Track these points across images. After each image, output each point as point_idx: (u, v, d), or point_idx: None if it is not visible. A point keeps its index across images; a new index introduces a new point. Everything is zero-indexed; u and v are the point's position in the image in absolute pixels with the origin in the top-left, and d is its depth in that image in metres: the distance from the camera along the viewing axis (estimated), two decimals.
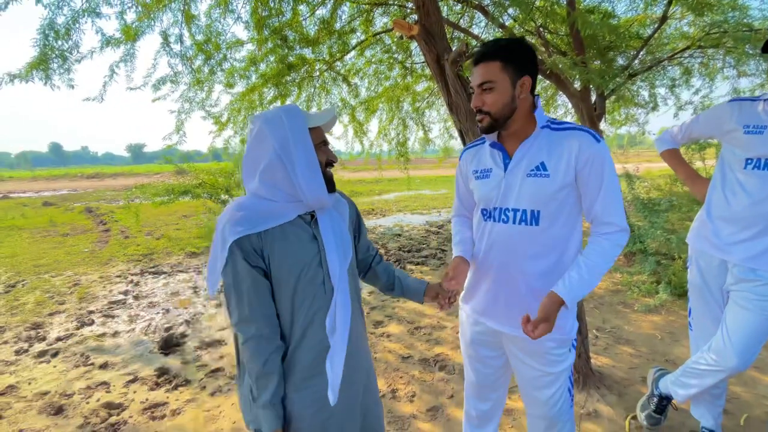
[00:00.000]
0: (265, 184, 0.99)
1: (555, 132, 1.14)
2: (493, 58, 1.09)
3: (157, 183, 7.77)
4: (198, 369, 2.72)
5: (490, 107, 1.11)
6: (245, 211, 0.97)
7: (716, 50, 4.65)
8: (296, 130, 0.98)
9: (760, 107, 1.48)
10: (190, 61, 4.10)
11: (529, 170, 1.13)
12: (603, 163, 1.08)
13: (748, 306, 1.44)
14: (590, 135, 1.10)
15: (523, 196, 1.13)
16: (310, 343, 1.01)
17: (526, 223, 1.14)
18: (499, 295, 1.24)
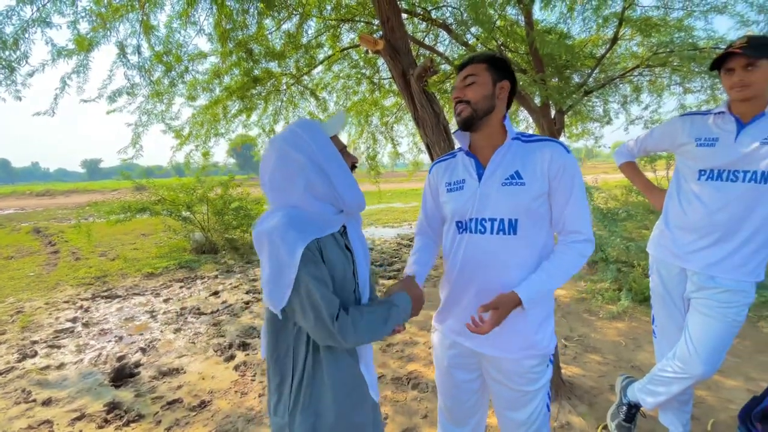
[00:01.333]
0: (314, 198, 0.99)
1: (526, 143, 1.17)
2: (479, 61, 1.18)
3: (113, 200, 7.33)
4: (153, 401, 2.50)
5: (470, 97, 1.15)
6: (300, 218, 0.95)
7: (663, 69, 4.99)
8: (321, 143, 1.00)
9: (710, 120, 1.56)
10: (149, 72, 3.93)
11: (504, 179, 1.14)
12: (573, 174, 1.12)
13: (710, 313, 1.49)
14: (561, 146, 1.14)
15: (499, 205, 1.13)
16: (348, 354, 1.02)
17: (504, 232, 1.14)
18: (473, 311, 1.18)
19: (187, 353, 3.18)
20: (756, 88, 1.40)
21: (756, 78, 1.39)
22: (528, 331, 1.17)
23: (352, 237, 1.07)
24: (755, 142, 1.42)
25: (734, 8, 3.81)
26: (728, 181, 1.47)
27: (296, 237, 0.90)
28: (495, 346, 1.18)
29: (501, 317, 1.06)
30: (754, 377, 2.35)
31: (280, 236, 0.90)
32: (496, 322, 1.05)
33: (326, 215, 0.99)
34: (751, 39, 1.40)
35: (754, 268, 1.46)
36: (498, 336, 1.15)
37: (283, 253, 0.89)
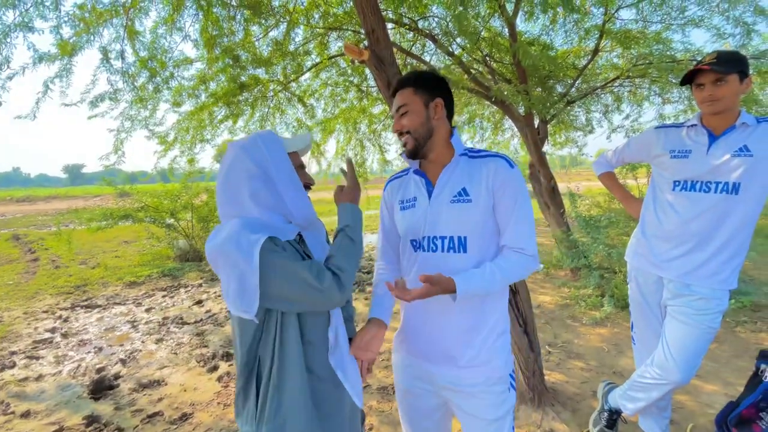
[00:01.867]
0: (259, 206, 0.99)
1: (473, 159, 1.17)
2: (405, 86, 1.17)
3: (94, 207, 7.16)
4: (133, 414, 2.44)
5: (408, 127, 1.15)
6: (254, 223, 0.95)
7: (643, 80, 5.15)
8: (276, 156, 1.02)
9: (684, 133, 1.61)
10: (132, 78, 3.88)
11: (452, 196, 1.13)
12: (515, 188, 1.10)
13: (686, 320, 1.52)
14: (505, 161, 1.13)
15: (448, 223, 1.12)
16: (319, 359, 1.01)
17: (454, 250, 1.12)
18: (435, 334, 1.16)
19: (169, 364, 3.11)
20: (725, 102, 1.46)
21: (725, 92, 1.45)
22: (485, 352, 1.13)
23: (311, 245, 1.09)
24: (726, 154, 1.47)
25: (711, 21, 3.96)
26: (701, 192, 1.52)
27: (250, 240, 0.89)
28: (451, 365, 1.15)
29: (430, 293, 1.02)
30: (731, 382, 2.40)
31: (235, 244, 0.89)
32: (423, 294, 1.01)
33: (277, 223, 1.00)
34: (720, 54, 1.46)
35: (727, 277, 1.50)
36: (453, 357, 1.13)
37: (241, 261, 0.88)
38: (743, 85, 1.45)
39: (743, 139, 1.46)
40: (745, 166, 1.43)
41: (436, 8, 4.49)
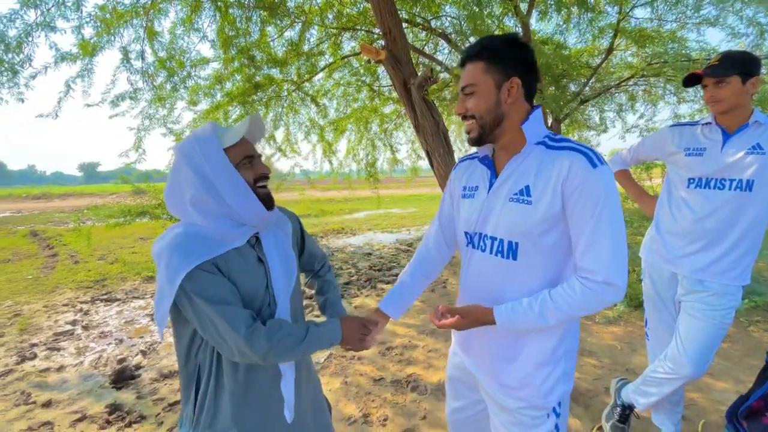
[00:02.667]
0: (201, 214, 0.93)
1: (549, 150, 0.95)
2: (476, 59, 0.96)
3: (112, 204, 7.34)
4: (155, 403, 2.53)
5: (474, 111, 0.98)
6: (192, 239, 0.89)
7: (658, 78, 5.10)
8: (210, 155, 0.91)
9: (698, 131, 1.63)
10: (152, 77, 3.99)
11: (512, 194, 0.96)
12: (596, 194, 0.87)
13: (699, 315, 1.55)
14: (585, 156, 0.89)
15: (501, 224, 0.98)
16: (262, 372, 0.99)
17: (502, 255, 0.98)
18: (473, 335, 1.09)
19: None
20: (728, 102, 1.49)
21: (726, 94, 1.47)
22: (522, 373, 1.01)
23: (267, 248, 1.01)
24: (740, 151, 1.49)
25: (725, 21, 3.93)
26: (716, 189, 1.54)
27: (177, 264, 0.84)
28: (487, 371, 1.07)
29: (459, 326, 0.97)
30: (743, 380, 2.40)
31: (165, 261, 0.86)
32: (454, 325, 0.96)
33: (223, 231, 0.93)
34: (724, 56, 1.48)
35: (740, 273, 1.52)
36: (487, 364, 1.06)
37: (164, 280, 0.85)
38: (747, 86, 1.46)
39: (756, 137, 1.48)
40: (759, 163, 1.45)
41: (450, 7, 4.52)
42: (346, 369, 2.83)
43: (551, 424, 1.03)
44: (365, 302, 4.37)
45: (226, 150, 0.94)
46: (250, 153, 0.98)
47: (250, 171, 0.97)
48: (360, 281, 5.21)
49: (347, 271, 5.83)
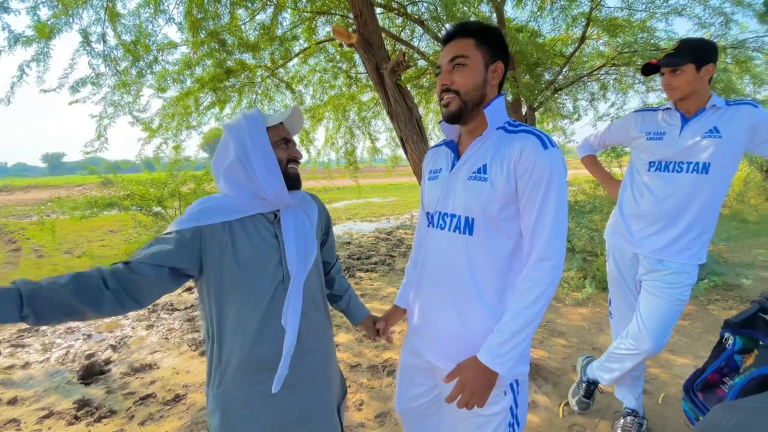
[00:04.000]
0: (230, 184, 1.05)
1: (508, 134, 1.00)
2: (466, 36, 0.99)
3: (77, 196, 7.03)
4: (125, 397, 2.47)
5: (460, 86, 0.98)
6: (209, 203, 1.03)
7: (628, 68, 5.22)
8: (253, 131, 1.03)
9: (659, 116, 1.69)
10: (115, 62, 3.79)
11: (470, 173, 1.01)
12: (546, 175, 0.91)
13: (658, 293, 1.62)
14: (538, 139, 0.94)
15: (459, 201, 1.01)
16: (268, 340, 1.02)
17: (460, 230, 1.01)
18: (428, 313, 1.11)
19: (161, 349, 3.13)
20: (682, 90, 1.55)
21: (681, 81, 1.53)
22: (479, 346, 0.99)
23: (285, 226, 1.07)
24: (697, 135, 1.55)
25: (692, 11, 4.04)
26: (674, 172, 1.60)
27: (189, 217, 0.99)
28: (440, 355, 1.07)
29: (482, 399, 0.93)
30: (702, 355, 2.54)
31: (185, 214, 1.01)
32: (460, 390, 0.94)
33: (242, 201, 1.04)
34: (680, 44, 1.53)
35: (696, 252, 1.59)
36: (443, 345, 1.07)
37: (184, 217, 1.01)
38: (702, 73, 1.52)
39: (713, 121, 1.54)
40: (715, 146, 1.51)
41: None
42: None
43: (508, 401, 1.03)
44: None
45: (267, 129, 1.06)
46: (287, 137, 1.11)
47: (285, 152, 1.09)
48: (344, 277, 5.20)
49: None
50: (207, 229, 0.99)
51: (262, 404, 1.03)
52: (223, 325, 1.02)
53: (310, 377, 1.10)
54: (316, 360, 1.12)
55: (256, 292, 1.01)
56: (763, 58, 4.41)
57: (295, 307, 1.04)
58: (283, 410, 1.05)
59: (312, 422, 1.10)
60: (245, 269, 1.00)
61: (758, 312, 1.53)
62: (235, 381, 1.02)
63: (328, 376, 1.18)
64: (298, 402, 1.07)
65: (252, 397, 1.02)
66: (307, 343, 1.09)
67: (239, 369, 1.01)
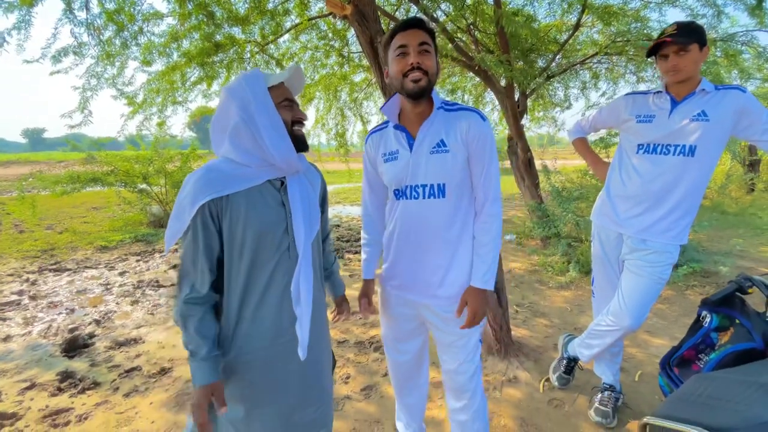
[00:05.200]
0: (236, 148, 1.00)
1: (448, 112, 1.25)
2: (425, 30, 1.17)
3: (59, 172, 6.83)
4: (109, 370, 2.46)
5: (429, 67, 1.15)
6: (215, 173, 0.98)
7: (620, 57, 5.24)
8: (256, 92, 0.99)
9: (650, 100, 1.70)
10: (98, 31, 3.64)
11: (431, 148, 1.22)
12: (489, 141, 1.23)
13: (640, 272, 1.66)
14: (477, 114, 1.24)
15: (429, 172, 1.22)
16: (269, 307, 1.03)
17: (434, 196, 1.23)
18: (417, 268, 1.31)
19: (146, 324, 3.11)
20: (688, 70, 1.55)
21: (687, 62, 1.53)
22: (462, 281, 1.29)
23: (292, 193, 1.06)
24: (685, 118, 1.57)
25: (686, 2, 4.05)
26: (662, 154, 1.62)
27: (199, 192, 0.95)
28: (433, 296, 1.31)
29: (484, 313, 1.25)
30: (678, 337, 2.61)
31: (189, 186, 0.97)
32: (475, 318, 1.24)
33: (249, 169, 1.01)
34: (680, 26, 1.53)
35: (678, 233, 1.63)
36: (435, 287, 1.30)
37: (185, 204, 0.96)
38: (702, 54, 1.53)
39: (702, 105, 1.56)
40: (702, 129, 1.54)
41: None
42: None
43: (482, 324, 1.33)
44: None
45: (269, 90, 1.02)
46: (290, 97, 1.07)
47: (289, 112, 1.05)
48: None
49: None
50: (217, 201, 0.97)
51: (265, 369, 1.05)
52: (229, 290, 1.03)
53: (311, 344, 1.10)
54: (315, 331, 1.12)
55: (260, 261, 1.01)
56: (751, 53, 4.47)
57: (307, 275, 1.05)
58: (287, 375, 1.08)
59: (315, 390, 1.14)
60: (253, 238, 0.99)
61: (735, 292, 1.59)
62: (241, 348, 1.03)
63: (324, 343, 1.20)
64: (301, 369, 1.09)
65: (255, 362, 1.04)
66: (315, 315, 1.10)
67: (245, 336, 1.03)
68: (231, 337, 1.04)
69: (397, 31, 1.18)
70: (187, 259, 0.99)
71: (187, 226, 0.96)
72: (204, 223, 0.97)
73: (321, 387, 1.17)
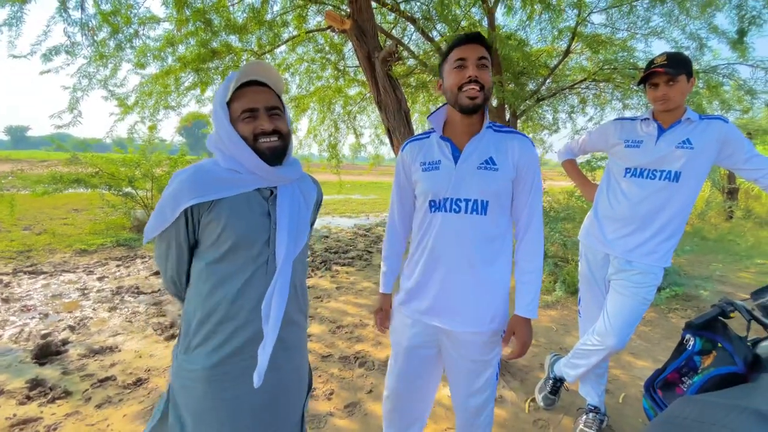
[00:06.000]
0: (222, 154, 0.97)
1: (498, 133, 1.24)
2: (481, 43, 1.16)
3: (41, 171, 6.66)
4: (82, 379, 2.35)
5: (486, 81, 1.15)
6: (204, 174, 0.94)
7: (607, 84, 5.43)
8: (215, 110, 0.96)
9: (638, 126, 1.76)
10: (93, 32, 3.61)
11: (479, 163, 1.20)
12: (537, 167, 1.24)
13: (625, 292, 1.68)
14: (529, 140, 1.25)
15: (473, 187, 1.19)
16: (237, 323, 0.97)
17: (476, 212, 1.20)
18: (449, 288, 1.24)
19: (123, 332, 3.00)
20: (676, 100, 1.61)
21: (676, 92, 1.59)
22: (494, 307, 1.25)
23: (280, 204, 1.01)
24: (671, 145, 1.62)
25: (671, 34, 4.25)
26: (648, 179, 1.67)
27: (186, 194, 0.91)
28: (463, 322, 1.24)
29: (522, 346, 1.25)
30: (660, 359, 2.66)
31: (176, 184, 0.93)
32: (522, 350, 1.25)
33: (238, 174, 0.97)
34: (669, 56, 1.59)
35: (663, 255, 1.67)
36: (465, 312, 1.24)
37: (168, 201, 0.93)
38: (689, 85, 1.60)
39: (687, 133, 1.61)
40: (687, 157, 1.59)
41: None
42: None
43: (500, 345, 1.31)
44: (318, 282, 4.32)
45: (230, 102, 0.97)
46: (251, 106, 0.96)
47: (249, 125, 0.96)
48: (315, 262, 5.15)
49: None
50: (202, 205, 0.93)
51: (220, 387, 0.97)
52: (198, 295, 0.99)
53: (278, 368, 1.03)
54: (288, 351, 1.06)
55: (233, 270, 0.96)
56: (732, 85, 4.67)
57: (282, 292, 0.97)
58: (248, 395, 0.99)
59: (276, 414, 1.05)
60: (228, 245, 0.94)
61: (718, 316, 1.62)
62: (199, 356, 0.98)
63: (300, 370, 1.12)
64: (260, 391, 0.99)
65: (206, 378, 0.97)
66: (282, 335, 1.00)
67: (205, 344, 0.98)
68: (188, 344, 1.00)
69: (456, 44, 1.17)
70: (160, 258, 1.01)
71: (168, 225, 0.94)
72: (181, 224, 0.95)
73: (284, 418, 1.07)
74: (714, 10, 3.43)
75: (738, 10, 3.14)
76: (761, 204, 9.30)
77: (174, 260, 1.00)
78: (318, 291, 4.03)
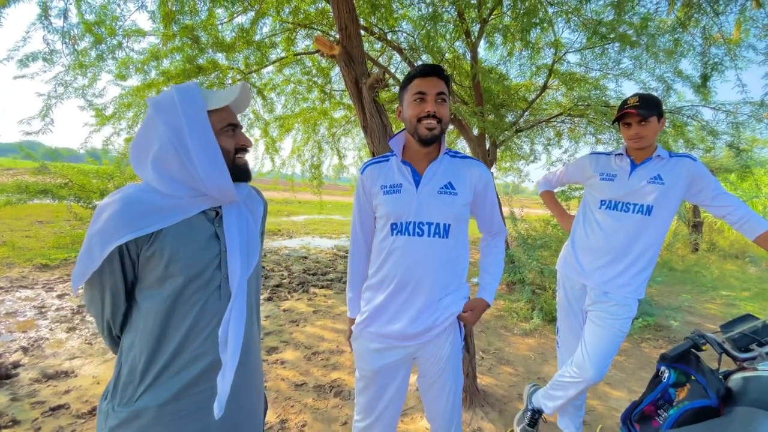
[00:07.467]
0: (161, 176, 0.86)
1: (455, 159, 1.33)
2: (441, 78, 1.21)
3: (6, 180, 6.33)
4: (32, 407, 2.16)
5: (443, 116, 1.21)
6: (137, 206, 0.83)
7: (581, 119, 5.70)
8: (192, 115, 0.86)
9: (612, 160, 1.84)
10: (74, 40, 3.54)
11: (439, 188, 1.25)
12: (493, 187, 1.37)
13: (602, 324, 1.70)
14: (483, 166, 1.36)
15: (435, 211, 1.24)
16: (192, 354, 0.88)
17: (439, 235, 1.24)
18: (408, 309, 1.26)
19: (81, 355, 2.81)
20: (648, 138, 1.69)
21: (648, 131, 1.68)
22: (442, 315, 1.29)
23: (227, 225, 0.94)
24: (643, 180, 1.69)
25: (639, 76, 4.54)
26: (622, 211, 1.73)
27: (116, 230, 0.81)
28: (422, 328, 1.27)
29: (476, 317, 1.35)
30: (635, 390, 2.69)
31: (105, 218, 0.82)
32: (475, 320, 1.35)
33: (176, 199, 0.88)
34: (641, 98, 1.68)
35: (637, 287, 1.71)
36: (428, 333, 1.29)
37: (96, 240, 0.82)
38: (660, 124, 1.69)
39: (658, 169, 1.69)
40: (658, 192, 1.66)
41: (406, 24, 4.66)
42: (267, 373, 2.67)
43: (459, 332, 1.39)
44: (295, 305, 4.21)
45: (210, 113, 0.90)
46: (234, 122, 0.95)
47: (232, 140, 0.94)
48: (292, 284, 5.03)
49: (279, 273, 5.60)
50: (139, 239, 0.83)
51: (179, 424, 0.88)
52: (144, 336, 0.88)
53: (239, 394, 0.96)
54: (247, 374, 0.99)
55: (183, 304, 0.88)
56: (695, 126, 4.99)
57: (239, 316, 0.91)
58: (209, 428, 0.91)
59: None
60: (177, 279, 0.86)
61: (691, 348, 1.65)
62: (149, 397, 0.86)
63: (256, 391, 1.06)
64: (222, 421, 0.91)
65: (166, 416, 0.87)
66: (241, 358, 0.94)
67: (156, 383, 0.87)
68: (132, 393, 0.87)
69: (416, 75, 1.21)
70: (93, 306, 0.89)
71: (98, 267, 0.82)
72: (116, 264, 0.84)
73: None
74: (679, 56, 3.69)
75: (702, 57, 3.38)
76: (724, 237, 9.81)
77: (109, 304, 0.88)
78: (294, 314, 3.92)
